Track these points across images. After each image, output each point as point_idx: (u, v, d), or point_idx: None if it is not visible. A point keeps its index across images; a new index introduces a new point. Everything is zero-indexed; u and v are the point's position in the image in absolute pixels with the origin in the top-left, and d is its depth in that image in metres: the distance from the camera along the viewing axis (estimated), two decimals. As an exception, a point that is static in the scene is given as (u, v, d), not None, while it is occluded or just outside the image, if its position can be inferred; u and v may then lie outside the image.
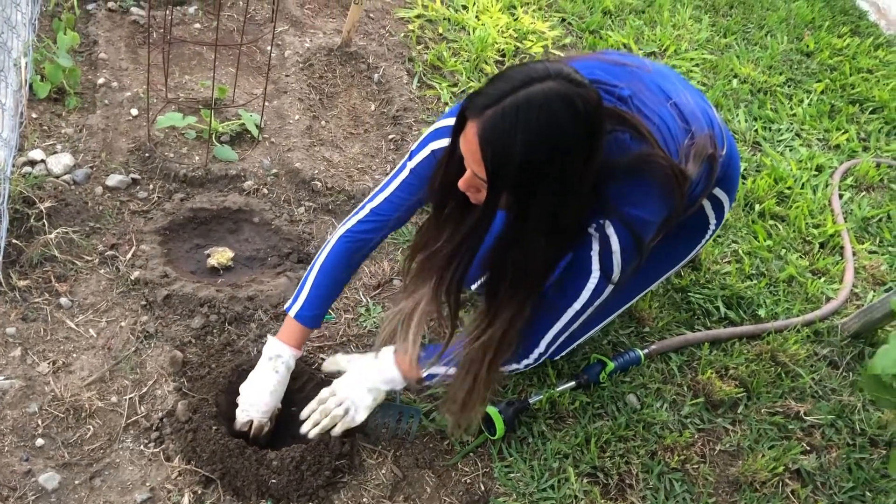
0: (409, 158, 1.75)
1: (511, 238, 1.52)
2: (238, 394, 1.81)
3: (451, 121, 1.48)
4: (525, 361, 1.80)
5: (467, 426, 1.75)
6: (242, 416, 1.79)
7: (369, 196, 1.83)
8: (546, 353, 1.78)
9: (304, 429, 1.78)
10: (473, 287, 2.05)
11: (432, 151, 1.69)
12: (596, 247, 1.58)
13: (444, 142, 1.59)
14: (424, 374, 1.77)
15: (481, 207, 1.48)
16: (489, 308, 1.65)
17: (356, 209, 1.83)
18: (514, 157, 1.34)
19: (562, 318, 1.71)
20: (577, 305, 1.67)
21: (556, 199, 1.43)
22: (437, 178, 1.59)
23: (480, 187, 1.45)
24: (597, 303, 1.68)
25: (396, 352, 1.76)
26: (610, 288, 1.64)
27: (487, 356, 1.63)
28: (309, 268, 1.83)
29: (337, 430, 1.76)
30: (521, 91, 1.33)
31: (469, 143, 1.39)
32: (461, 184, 1.48)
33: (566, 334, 1.75)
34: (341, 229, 1.82)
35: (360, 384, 1.78)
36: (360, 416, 1.77)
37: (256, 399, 1.78)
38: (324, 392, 1.80)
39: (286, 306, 1.83)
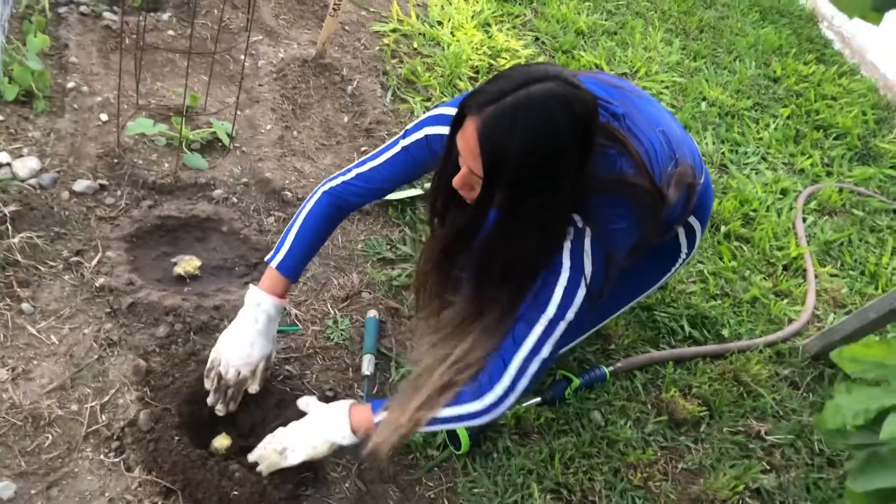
0: (403, 137, 1.76)
1: (500, 236, 1.54)
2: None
3: (452, 110, 1.48)
4: (494, 396, 1.63)
5: (382, 452, 1.65)
6: (214, 362, 1.76)
7: (357, 161, 1.84)
8: (519, 378, 1.63)
9: (250, 456, 1.75)
10: None
11: (426, 136, 1.70)
12: (567, 245, 1.56)
13: (440, 129, 1.62)
14: (376, 421, 1.68)
15: (474, 205, 1.50)
16: (470, 306, 1.67)
17: (342, 170, 1.84)
18: (512, 155, 1.36)
19: (534, 330, 1.61)
20: (550, 311, 1.58)
21: (548, 198, 1.45)
22: (435, 176, 1.60)
23: (475, 185, 1.46)
24: (569, 313, 1.59)
25: (353, 406, 1.73)
26: (583, 290, 1.57)
27: (452, 366, 1.64)
28: (291, 221, 1.82)
29: (262, 468, 1.72)
30: (521, 90, 1.35)
31: (467, 140, 1.40)
32: (456, 181, 1.49)
33: (538, 358, 1.62)
34: (325, 186, 1.82)
35: (307, 433, 1.72)
36: (291, 461, 1.70)
37: (232, 344, 1.75)
38: (279, 430, 1.76)
39: (267, 258, 1.81)
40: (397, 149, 1.77)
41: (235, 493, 1.68)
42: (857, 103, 3.65)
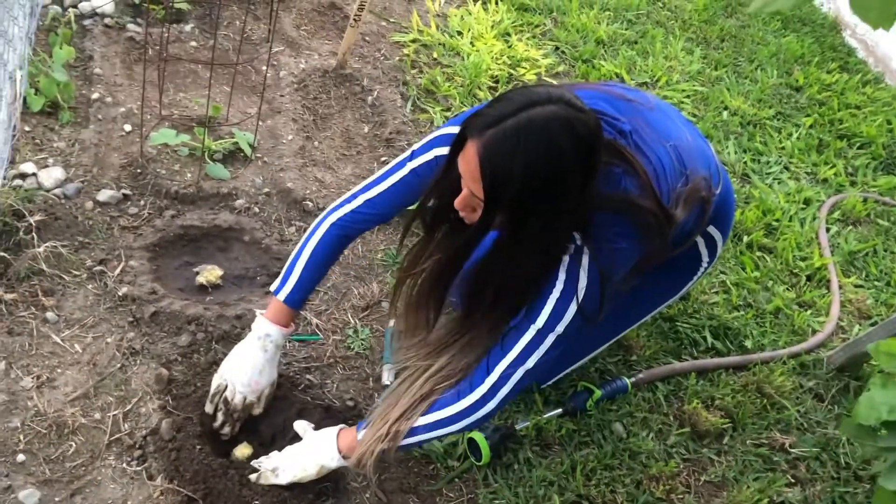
0: (411, 158, 1.73)
1: (499, 257, 1.54)
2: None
3: (458, 129, 1.48)
4: (473, 398, 1.63)
5: (365, 464, 1.65)
6: (220, 387, 1.77)
7: (362, 186, 1.80)
8: (500, 386, 1.61)
9: (254, 464, 1.76)
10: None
11: (435, 157, 1.68)
12: (565, 259, 1.55)
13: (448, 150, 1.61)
14: (360, 438, 1.69)
15: (474, 226, 1.50)
16: (459, 324, 1.69)
17: (347, 196, 1.81)
18: (513, 178, 1.35)
19: (522, 339, 1.60)
20: (539, 322, 1.58)
21: (550, 221, 1.44)
22: (432, 193, 1.60)
23: (476, 207, 1.45)
24: (559, 326, 1.57)
25: (342, 430, 1.73)
26: (573, 307, 1.55)
27: (432, 377, 1.67)
28: (298, 249, 1.81)
29: (254, 477, 1.72)
30: (522, 113, 1.35)
31: (468, 163, 1.40)
32: (457, 203, 1.49)
33: (522, 368, 1.60)
34: (332, 217, 1.79)
35: (297, 456, 1.72)
36: (280, 480, 1.71)
37: (240, 371, 1.76)
38: (273, 453, 1.77)
39: (274, 288, 1.80)
40: (405, 171, 1.73)
41: (256, 502, 1.69)
42: (882, 112, 3.61)
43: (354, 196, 1.80)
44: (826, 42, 4.18)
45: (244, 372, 1.77)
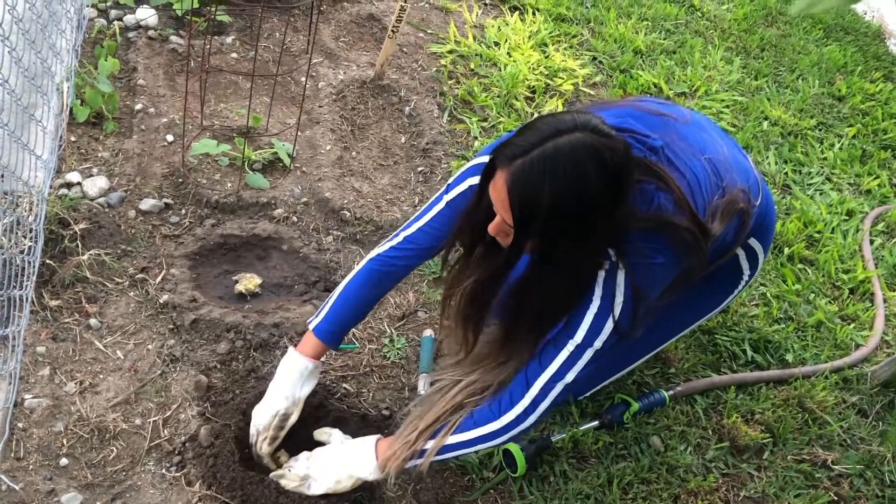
0: (447, 191, 1.76)
1: (533, 279, 1.57)
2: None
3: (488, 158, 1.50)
4: (513, 415, 1.64)
5: (392, 470, 1.68)
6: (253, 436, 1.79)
7: (404, 225, 1.84)
8: (540, 400, 1.63)
9: (272, 475, 1.75)
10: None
11: (469, 186, 1.70)
12: (601, 274, 1.56)
13: None
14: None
15: (507, 251, 1.53)
16: (498, 345, 1.71)
17: (390, 237, 1.85)
18: (541, 207, 1.37)
19: (560, 354, 1.61)
20: (577, 337, 1.58)
21: (580, 245, 1.46)
22: (466, 220, 1.62)
23: (509, 232, 1.48)
24: (596, 341, 1.58)
25: (380, 440, 1.74)
26: (611, 323, 1.55)
27: (464, 389, 1.71)
28: (336, 287, 1.85)
29: (283, 483, 1.72)
30: (548, 142, 1.37)
31: (498, 192, 1.42)
32: (491, 228, 1.51)
33: (562, 382, 1.62)
34: (372, 253, 1.84)
35: (332, 464, 1.72)
36: (312, 491, 1.70)
37: (261, 416, 1.78)
38: (303, 454, 1.77)
39: (308, 320, 1.84)
40: (441, 205, 1.76)
41: (293, 510, 1.69)
42: (927, 122, 3.54)
43: (396, 235, 1.84)
44: (870, 51, 4.11)
45: (263, 416, 1.78)
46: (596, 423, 2.02)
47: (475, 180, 1.68)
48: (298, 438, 1.84)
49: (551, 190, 1.36)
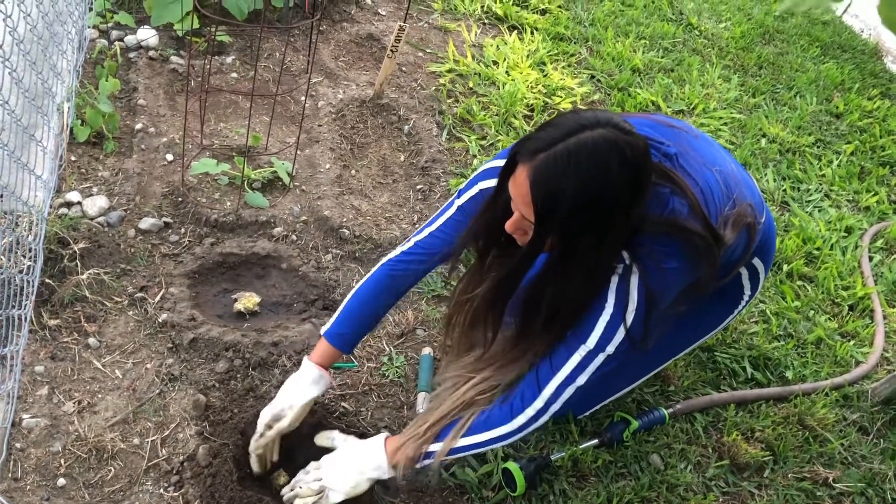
0: (458, 196, 1.78)
1: (551, 277, 1.57)
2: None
3: (501, 162, 1.52)
4: (525, 417, 1.66)
5: (400, 466, 1.69)
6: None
7: (416, 231, 1.86)
8: (552, 403, 1.64)
9: (284, 496, 1.74)
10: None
11: (480, 190, 1.72)
12: (615, 279, 1.57)
13: (493, 182, 1.62)
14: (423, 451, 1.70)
15: (526, 248, 1.52)
16: (512, 344, 1.72)
17: (402, 243, 1.87)
18: (563, 201, 1.39)
19: (572, 358, 1.61)
20: (590, 343, 1.59)
21: (599, 241, 1.47)
22: (482, 220, 1.63)
23: (528, 229, 1.49)
24: (609, 346, 1.58)
25: (388, 438, 1.74)
26: (622, 331, 1.56)
27: (475, 386, 1.72)
28: (348, 294, 1.86)
29: (300, 502, 1.71)
30: (571, 137, 1.38)
31: (519, 187, 1.43)
32: (509, 225, 1.52)
33: (573, 385, 1.63)
34: (384, 259, 1.86)
35: (345, 468, 1.72)
36: (333, 499, 1.70)
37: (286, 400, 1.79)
38: (311, 465, 1.77)
39: (322, 328, 1.86)
40: (453, 210, 1.79)
41: (291, 530, 1.69)
42: (925, 139, 3.56)
43: (407, 240, 1.86)
44: (867, 68, 4.14)
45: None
46: (595, 441, 2.02)
47: (486, 184, 1.71)
48: (296, 461, 1.83)
49: (574, 183, 1.37)
